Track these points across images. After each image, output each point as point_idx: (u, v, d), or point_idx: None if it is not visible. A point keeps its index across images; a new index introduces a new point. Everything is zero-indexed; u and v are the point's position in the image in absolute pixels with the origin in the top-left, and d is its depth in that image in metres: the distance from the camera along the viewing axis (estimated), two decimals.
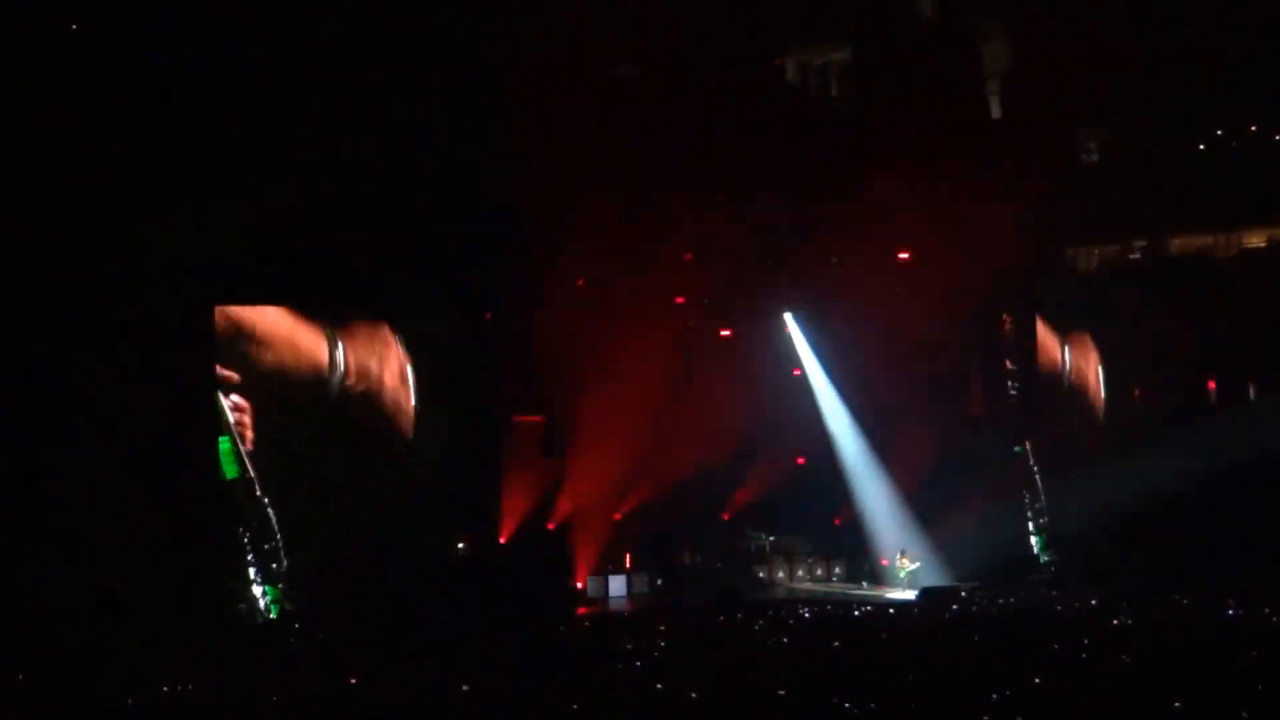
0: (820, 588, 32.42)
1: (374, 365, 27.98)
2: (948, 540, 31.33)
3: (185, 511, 24.87)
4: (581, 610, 28.50)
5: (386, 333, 28.20)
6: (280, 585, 26.18)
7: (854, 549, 32.92)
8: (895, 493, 32.29)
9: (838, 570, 33.07)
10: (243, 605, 25.58)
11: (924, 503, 31.99)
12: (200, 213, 24.77)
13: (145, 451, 24.41)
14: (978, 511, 31.80)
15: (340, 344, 27.43)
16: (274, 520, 26.36)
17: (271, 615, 25.85)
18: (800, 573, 33.28)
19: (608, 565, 31.17)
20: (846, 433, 32.96)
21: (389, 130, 26.34)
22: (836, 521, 33.33)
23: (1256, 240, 35.56)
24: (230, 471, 26.01)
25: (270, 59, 25.36)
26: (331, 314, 27.28)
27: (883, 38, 31.32)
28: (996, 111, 32.60)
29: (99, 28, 24.55)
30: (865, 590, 31.53)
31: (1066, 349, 34.53)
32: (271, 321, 26.72)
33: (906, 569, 31.09)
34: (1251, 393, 34.28)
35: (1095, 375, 35.08)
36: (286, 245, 25.74)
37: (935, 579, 30.64)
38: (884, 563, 32.48)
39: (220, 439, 26.03)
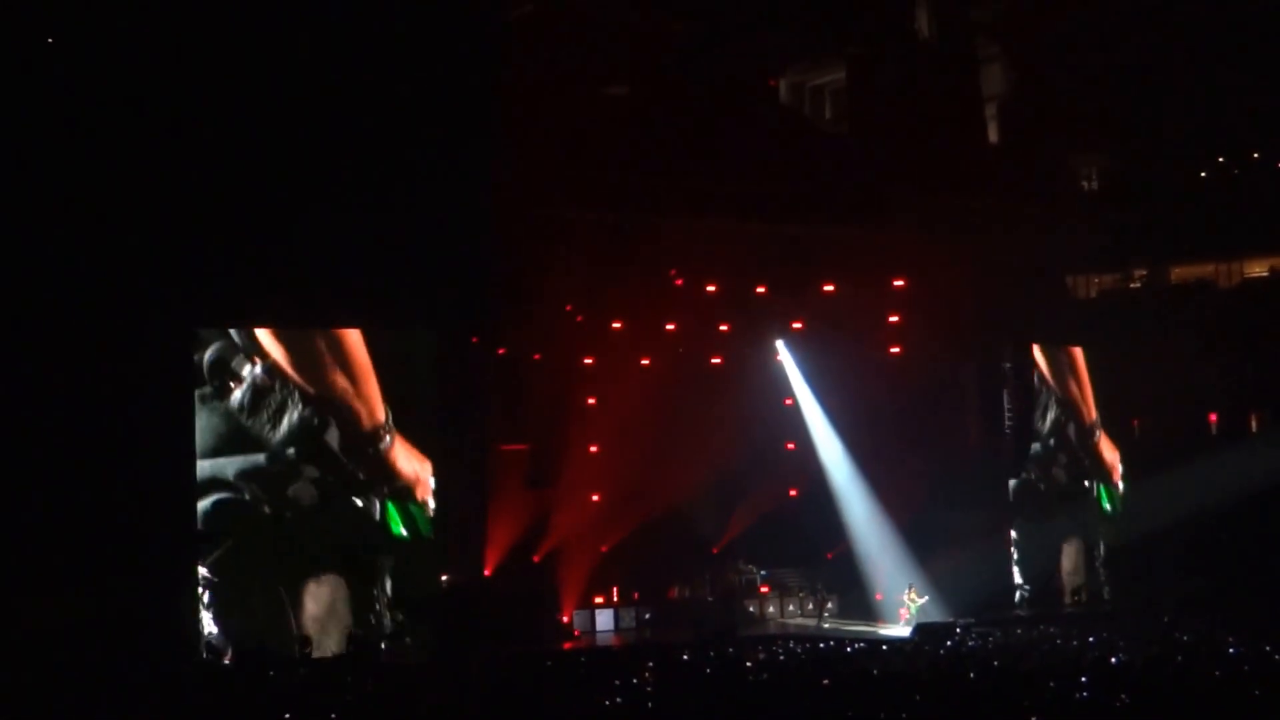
0: (811, 622, 31.94)
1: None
2: (945, 574, 30.90)
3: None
4: (568, 645, 27.98)
5: None
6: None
7: (848, 583, 32.44)
8: (890, 526, 31.87)
9: (829, 605, 32.55)
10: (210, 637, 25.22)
11: (919, 536, 31.59)
12: (183, 231, 24.58)
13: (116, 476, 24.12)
14: (974, 544, 31.50)
15: None
16: None
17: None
18: (791, 607, 32.76)
19: (595, 599, 30.66)
20: (840, 464, 32.58)
21: (376, 151, 26.06)
22: (829, 555, 32.87)
23: (1258, 270, 35.41)
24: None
25: (262, 82, 25.24)
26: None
27: (878, 60, 31.11)
28: (995, 136, 32.43)
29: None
30: (858, 626, 30.99)
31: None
32: None
33: (915, 604, 30.56)
34: (1254, 425, 34.07)
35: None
36: (272, 268, 25.50)
37: (941, 614, 30.13)
38: (878, 597, 32.00)
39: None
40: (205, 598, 25.32)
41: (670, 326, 31.82)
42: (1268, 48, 32.08)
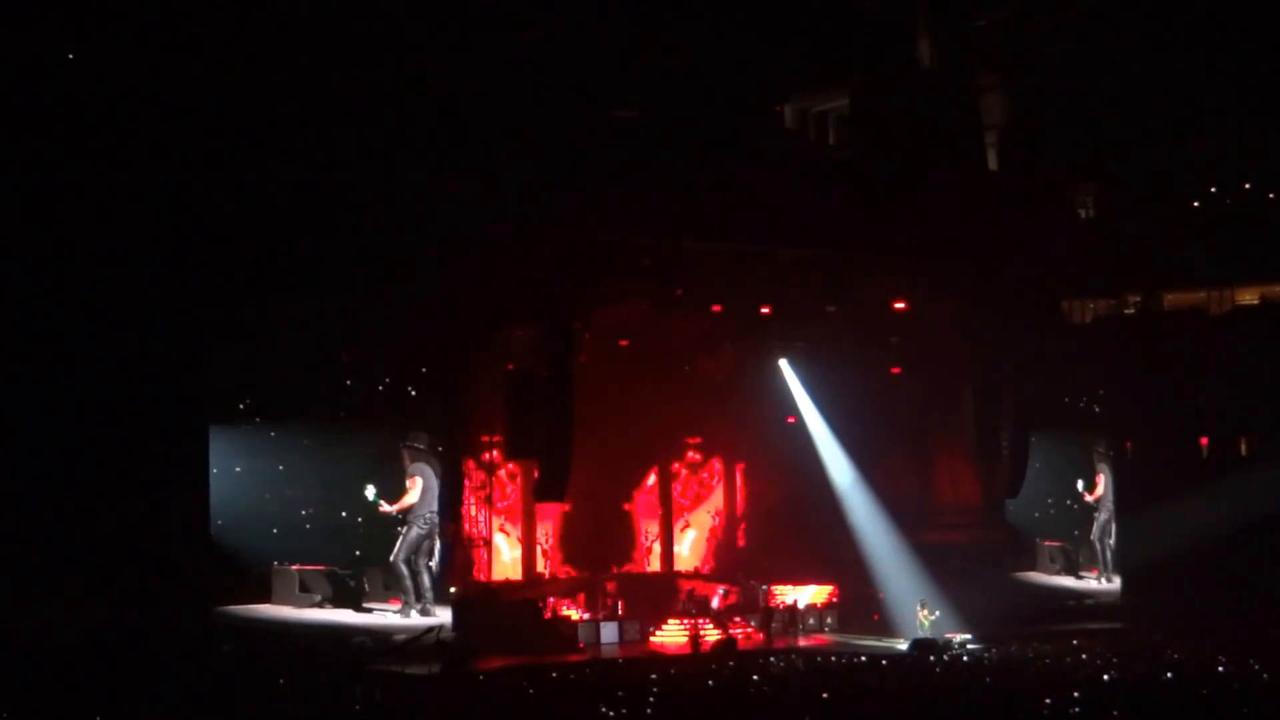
0: (817, 635, 32.15)
1: None
2: (952, 591, 31.24)
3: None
4: (574, 657, 28.29)
5: None
6: None
7: (858, 597, 32.69)
8: (899, 542, 32.15)
9: (829, 620, 32.85)
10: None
11: (925, 554, 31.90)
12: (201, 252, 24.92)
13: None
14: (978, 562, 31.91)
15: None
16: None
17: None
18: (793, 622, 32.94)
19: (600, 610, 30.97)
20: (847, 480, 32.88)
21: (383, 165, 26.36)
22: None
23: (1249, 297, 35.80)
24: None
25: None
26: None
27: (882, 87, 31.51)
28: (994, 164, 32.83)
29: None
30: (863, 640, 31.23)
31: None
32: None
33: (928, 620, 30.85)
34: (1244, 449, 34.43)
35: None
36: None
37: (952, 630, 30.45)
38: (875, 617, 32.30)
39: None
40: None
41: (675, 345, 32.37)
42: (1261, 79, 32.54)
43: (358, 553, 29.59)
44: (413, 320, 27.34)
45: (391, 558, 28.74)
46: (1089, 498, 35.54)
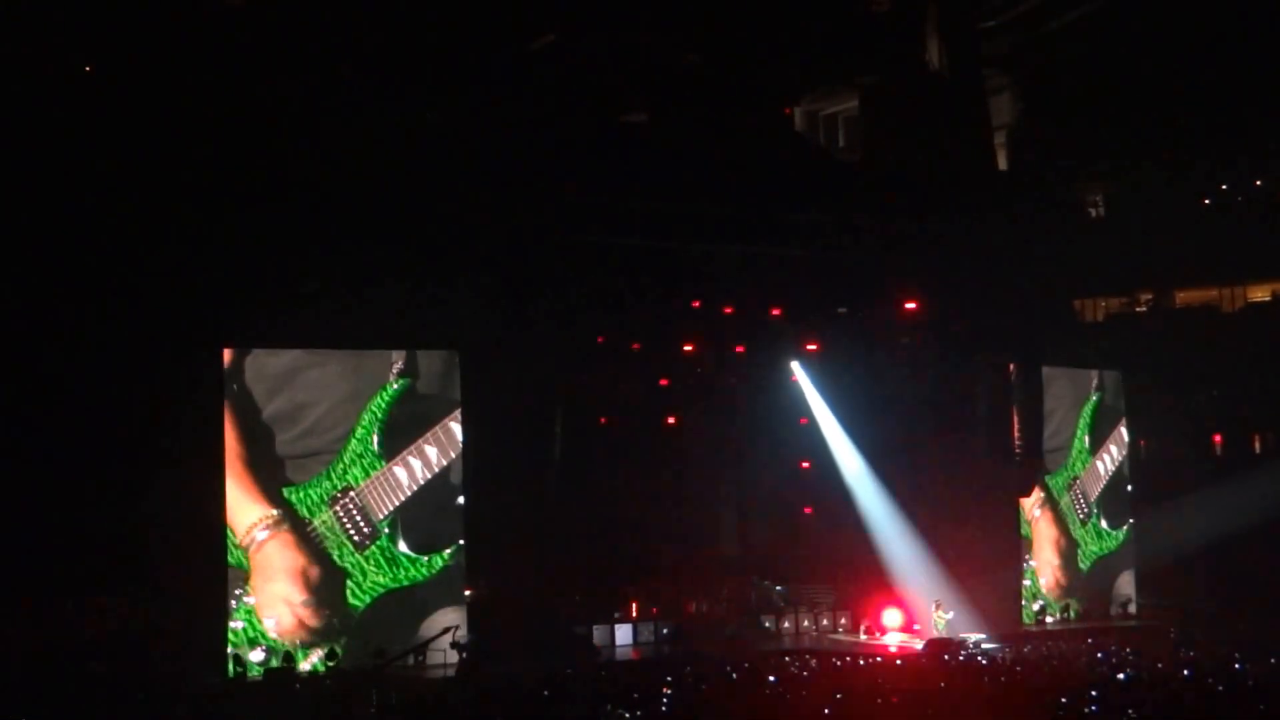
0: (833, 638, 32.21)
1: None
2: (965, 591, 31.28)
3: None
4: (588, 659, 28.27)
5: None
6: None
7: (868, 598, 32.73)
8: (915, 542, 32.20)
9: (843, 620, 32.90)
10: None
11: (940, 553, 31.95)
12: (215, 251, 24.99)
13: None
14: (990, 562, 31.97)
15: None
16: None
17: None
18: (806, 622, 33.00)
19: (614, 613, 31.04)
20: (862, 481, 32.94)
21: (398, 172, 26.48)
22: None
23: (1260, 294, 35.87)
24: None
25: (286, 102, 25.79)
26: None
27: (891, 89, 31.61)
28: (1004, 164, 32.90)
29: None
30: (876, 640, 31.29)
31: None
32: None
33: (943, 619, 30.90)
34: (1257, 446, 34.52)
35: None
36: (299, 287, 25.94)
37: (968, 629, 30.49)
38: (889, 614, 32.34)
39: None
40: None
41: (688, 348, 32.45)
42: (1271, 76, 32.62)
43: None
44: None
45: None
46: None
